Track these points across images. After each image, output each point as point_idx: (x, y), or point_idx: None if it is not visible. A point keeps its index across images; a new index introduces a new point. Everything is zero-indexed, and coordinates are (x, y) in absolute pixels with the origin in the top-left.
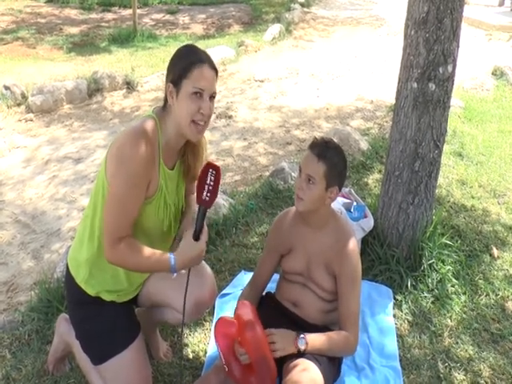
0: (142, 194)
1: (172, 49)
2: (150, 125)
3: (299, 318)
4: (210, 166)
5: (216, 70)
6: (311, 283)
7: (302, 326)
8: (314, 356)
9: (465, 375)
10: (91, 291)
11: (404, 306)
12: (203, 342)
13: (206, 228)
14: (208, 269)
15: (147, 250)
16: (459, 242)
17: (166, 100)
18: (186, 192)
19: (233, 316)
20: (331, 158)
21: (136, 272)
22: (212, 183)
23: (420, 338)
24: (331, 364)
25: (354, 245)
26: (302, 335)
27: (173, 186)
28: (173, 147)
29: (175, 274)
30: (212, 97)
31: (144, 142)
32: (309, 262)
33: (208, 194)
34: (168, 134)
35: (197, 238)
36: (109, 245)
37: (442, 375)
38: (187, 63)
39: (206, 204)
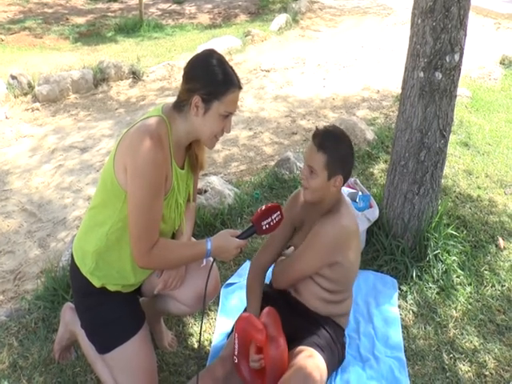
0: (163, 197)
1: (178, 39)
2: (161, 126)
3: (300, 303)
4: (280, 209)
5: (241, 88)
6: None
7: (303, 311)
8: (317, 344)
9: (469, 366)
10: (97, 282)
11: (409, 297)
12: (208, 332)
13: (246, 242)
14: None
15: (180, 243)
16: (465, 232)
17: (181, 101)
18: (192, 191)
19: (244, 311)
20: (331, 147)
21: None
22: (275, 221)
23: (425, 328)
24: (334, 351)
25: (334, 226)
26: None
27: (183, 185)
28: (182, 146)
29: (204, 262)
30: None
31: (159, 147)
32: None
33: (267, 226)
34: (179, 134)
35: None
36: (142, 255)
37: (446, 366)
38: (222, 87)
39: (260, 230)
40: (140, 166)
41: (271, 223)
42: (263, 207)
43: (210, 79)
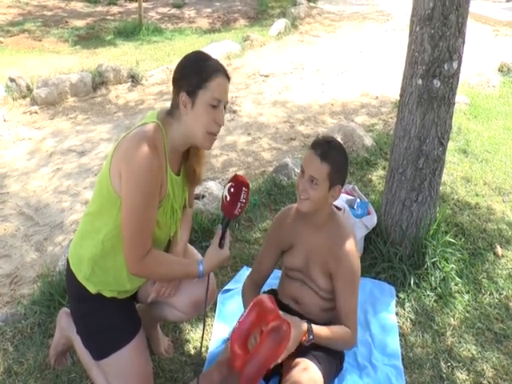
0: (157, 204)
1: (177, 43)
2: (156, 133)
3: (300, 315)
4: (242, 183)
5: (229, 78)
6: (309, 281)
7: None
8: (314, 355)
9: (467, 375)
10: (92, 289)
11: (407, 305)
12: (205, 338)
13: (228, 234)
14: None
15: (173, 260)
16: (463, 240)
17: (173, 106)
18: (188, 197)
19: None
20: (334, 158)
21: (162, 281)
22: (244, 200)
23: (422, 336)
24: (331, 362)
25: (350, 245)
26: (311, 336)
27: (179, 192)
28: (178, 152)
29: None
30: (224, 106)
31: (155, 154)
32: (307, 260)
33: (239, 210)
34: (174, 140)
35: (222, 245)
36: (134, 261)
37: (444, 375)
38: (204, 74)
39: (235, 217)
40: (135, 172)
41: (242, 204)
42: (227, 197)
43: (192, 71)
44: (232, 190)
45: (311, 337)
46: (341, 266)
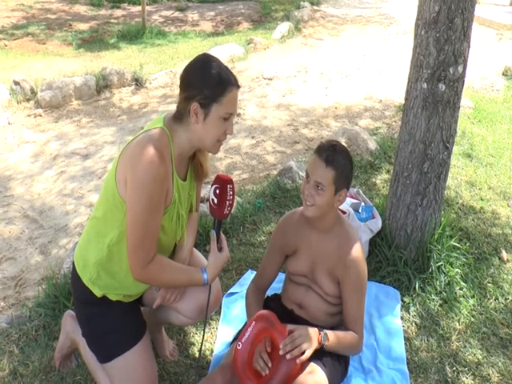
0: (162, 212)
1: (181, 46)
2: (163, 139)
3: (304, 320)
4: (226, 181)
5: (239, 86)
6: (315, 285)
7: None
8: (320, 359)
9: (473, 380)
10: (98, 292)
11: (412, 309)
12: (209, 341)
13: (223, 236)
14: None
15: (178, 267)
16: (468, 244)
17: (180, 112)
18: (194, 201)
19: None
20: (339, 162)
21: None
22: (231, 197)
23: (428, 341)
24: (337, 366)
25: (357, 251)
26: (323, 331)
27: (185, 196)
28: (184, 157)
29: None
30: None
31: (160, 162)
32: (313, 265)
33: (229, 208)
34: (181, 146)
35: (220, 249)
36: (139, 267)
37: (449, 379)
38: (219, 88)
39: (226, 216)
40: (140, 180)
41: (230, 202)
42: (214, 200)
43: (206, 83)
44: (217, 191)
45: (325, 337)
46: (348, 272)
